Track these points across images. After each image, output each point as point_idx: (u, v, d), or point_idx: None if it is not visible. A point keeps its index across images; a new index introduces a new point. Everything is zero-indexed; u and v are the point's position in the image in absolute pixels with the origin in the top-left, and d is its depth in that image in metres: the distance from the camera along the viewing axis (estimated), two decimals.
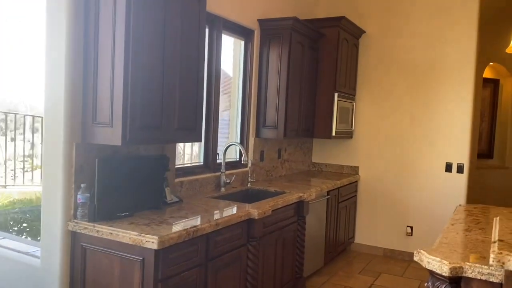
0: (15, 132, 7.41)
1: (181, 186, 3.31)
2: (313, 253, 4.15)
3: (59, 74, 2.42)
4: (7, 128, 7.39)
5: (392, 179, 5.07)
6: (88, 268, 2.44)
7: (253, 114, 4.23)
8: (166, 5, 2.56)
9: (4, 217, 4.12)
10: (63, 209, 2.44)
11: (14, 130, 7.43)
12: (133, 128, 2.39)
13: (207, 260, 2.59)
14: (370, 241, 5.21)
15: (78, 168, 2.47)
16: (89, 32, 2.44)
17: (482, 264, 1.82)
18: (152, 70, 2.50)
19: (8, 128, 7.45)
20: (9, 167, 7.31)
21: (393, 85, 5.02)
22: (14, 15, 5.29)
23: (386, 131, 5.08)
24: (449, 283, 1.94)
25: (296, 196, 3.62)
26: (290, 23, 4.07)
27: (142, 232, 2.24)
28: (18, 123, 7.43)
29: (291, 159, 5.03)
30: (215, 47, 3.67)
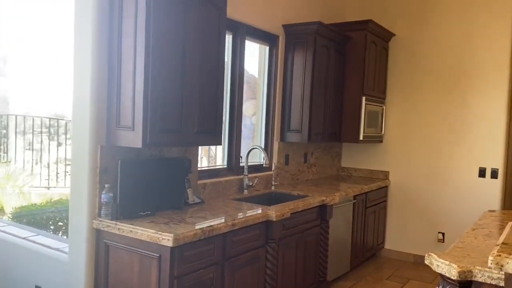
0: (65, 137, 7.84)
1: (204, 188, 3.41)
2: (338, 257, 4.13)
3: (85, 82, 2.59)
4: (56, 133, 7.83)
5: (423, 184, 4.96)
6: (111, 264, 2.57)
7: (278, 118, 4.28)
8: (185, 14, 2.67)
9: (41, 215, 4.39)
10: (88, 208, 2.60)
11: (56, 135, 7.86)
12: (153, 131, 2.51)
13: (224, 259, 2.66)
14: (400, 247, 5.11)
15: (103, 169, 2.62)
16: (113, 43, 2.59)
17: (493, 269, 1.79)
18: (172, 77, 2.61)
19: (56, 134, 7.89)
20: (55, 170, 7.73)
21: (424, 88, 4.92)
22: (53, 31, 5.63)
23: (418, 135, 4.98)
24: (459, 287, 1.92)
25: (318, 200, 3.63)
26: (315, 28, 4.10)
27: (160, 230, 2.34)
28: (65, 128, 7.85)
29: (319, 164, 5.04)
30: (239, 53, 3.76)
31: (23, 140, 8.05)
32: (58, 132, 7.91)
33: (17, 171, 6.97)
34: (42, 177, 7.45)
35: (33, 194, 6.51)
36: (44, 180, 7.44)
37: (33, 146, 7.84)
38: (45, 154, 7.64)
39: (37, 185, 7.14)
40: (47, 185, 7.43)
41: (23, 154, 7.79)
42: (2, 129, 8.00)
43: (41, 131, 7.90)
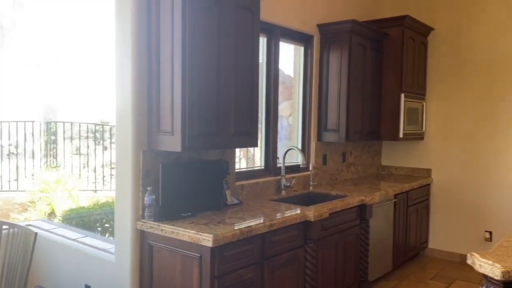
0: (110, 141, 8.18)
1: (242, 189, 3.47)
2: (379, 257, 4.08)
3: (126, 90, 2.70)
4: (101, 138, 8.18)
5: (468, 181, 4.80)
6: (155, 264, 2.67)
7: (314, 118, 4.28)
8: (220, 20, 2.73)
9: (89, 218, 4.60)
10: (132, 210, 2.71)
11: (102, 140, 8.19)
12: (191, 135, 2.59)
13: (263, 259, 2.70)
14: (445, 247, 4.97)
15: (145, 173, 2.73)
16: (152, 51, 2.70)
17: None
18: (208, 81, 2.68)
19: (102, 139, 8.23)
20: (101, 174, 8.07)
21: (467, 82, 4.77)
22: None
23: (460, 130, 4.83)
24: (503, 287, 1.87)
25: (357, 199, 3.61)
26: (349, 26, 4.07)
27: (200, 231, 2.42)
28: (110, 133, 8.18)
29: (358, 162, 4.99)
30: (273, 55, 3.80)
31: (71, 145, 8.44)
32: (103, 137, 8.25)
33: (66, 175, 7.31)
34: (89, 181, 7.79)
35: (81, 197, 6.82)
36: (91, 184, 7.78)
37: (80, 151, 8.22)
38: (91, 158, 7.99)
39: (84, 189, 7.48)
40: (94, 188, 7.77)
41: (71, 159, 8.18)
42: (51, 136, 8.42)
43: (87, 136, 8.26)
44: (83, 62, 9.52)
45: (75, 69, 9.55)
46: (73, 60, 9.52)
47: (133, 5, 2.66)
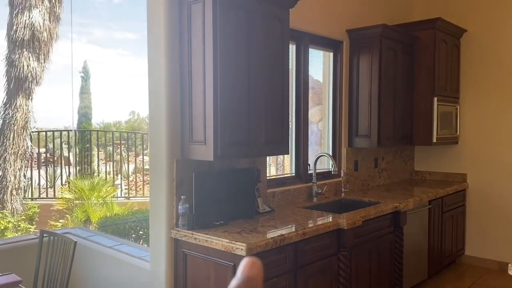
0: (142, 148, 8.35)
1: (273, 197, 3.47)
2: (414, 265, 3.99)
3: (160, 101, 2.76)
4: (134, 145, 8.36)
5: (505, 186, 4.65)
6: (189, 272, 2.71)
7: (345, 123, 4.24)
8: (250, 31, 2.76)
9: (123, 225, 4.70)
10: (166, 219, 2.76)
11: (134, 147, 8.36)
12: (223, 145, 2.62)
13: (296, 268, 2.69)
14: (483, 254, 4.82)
15: (179, 182, 2.77)
16: (184, 63, 2.75)
17: None
18: (239, 91, 2.71)
19: (134, 146, 8.41)
20: (134, 180, 8.23)
21: (502, 84, 4.63)
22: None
23: (497, 134, 4.69)
24: None
25: (391, 206, 3.55)
26: (379, 31, 4.03)
27: (233, 240, 2.44)
28: (142, 140, 8.35)
29: (390, 168, 4.91)
30: (303, 62, 3.80)
31: (104, 153, 8.67)
32: (136, 144, 8.43)
33: (100, 182, 7.50)
34: (122, 188, 7.97)
35: (115, 204, 6.98)
36: (124, 190, 7.96)
37: (113, 158, 8.42)
38: (124, 165, 8.17)
39: (118, 196, 7.66)
40: (126, 195, 7.94)
41: (104, 166, 8.39)
42: (86, 144, 8.67)
43: (120, 143, 8.46)
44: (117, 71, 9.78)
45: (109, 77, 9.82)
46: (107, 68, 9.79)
47: (165, 14, 2.72)
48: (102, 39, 11.30)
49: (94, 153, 8.62)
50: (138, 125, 12.22)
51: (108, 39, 11.47)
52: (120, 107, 11.51)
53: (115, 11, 11.72)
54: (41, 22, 7.31)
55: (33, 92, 7.51)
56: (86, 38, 10.91)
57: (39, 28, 7.30)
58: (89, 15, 10.84)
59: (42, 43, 7.41)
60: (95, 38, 11.27)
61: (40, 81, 7.58)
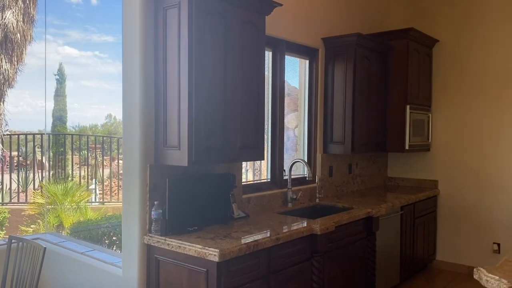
0: (117, 152, 8.24)
1: (249, 202, 3.48)
2: (386, 270, 4.06)
3: (134, 104, 2.75)
4: (109, 149, 8.25)
5: (475, 192, 4.78)
6: (161, 278, 2.69)
7: (320, 130, 4.30)
8: (226, 36, 2.78)
9: (96, 230, 4.63)
10: (139, 225, 2.73)
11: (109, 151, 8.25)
12: (198, 150, 2.62)
13: (269, 273, 2.70)
14: (453, 259, 4.93)
15: (152, 187, 2.76)
16: (159, 66, 2.74)
17: None
18: (215, 96, 2.72)
19: (109, 149, 8.30)
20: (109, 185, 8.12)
21: (473, 93, 4.77)
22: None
23: (467, 142, 4.82)
24: None
25: (364, 212, 3.61)
26: (354, 39, 4.11)
27: (206, 245, 2.43)
28: (117, 144, 8.24)
29: (364, 174, 4.98)
30: (279, 68, 3.83)
31: (79, 157, 8.52)
32: (111, 148, 8.32)
33: (74, 187, 7.36)
34: (97, 192, 7.84)
35: (89, 209, 6.86)
36: (98, 195, 7.83)
37: (88, 162, 8.28)
38: (99, 170, 8.04)
39: (92, 200, 7.53)
40: (101, 200, 7.82)
41: (79, 170, 8.24)
42: (60, 148, 8.50)
43: (94, 146, 8.34)
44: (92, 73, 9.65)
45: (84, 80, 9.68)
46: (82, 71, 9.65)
47: (140, 19, 2.71)
48: (79, 41, 11.14)
49: (68, 157, 8.46)
50: (115, 129, 12.06)
51: (85, 41, 11.32)
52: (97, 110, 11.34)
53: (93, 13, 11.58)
54: (14, 23, 7.15)
55: (5, 95, 7.33)
56: (63, 40, 10.74)
57: (12, 30, 7.14)
58: (66, 16, 10.68)
59: (15, 44, 7.24)
60: (72, 40, 11.10)
61: (13, 83, 7.40)
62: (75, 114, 9.73)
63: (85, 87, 9.81)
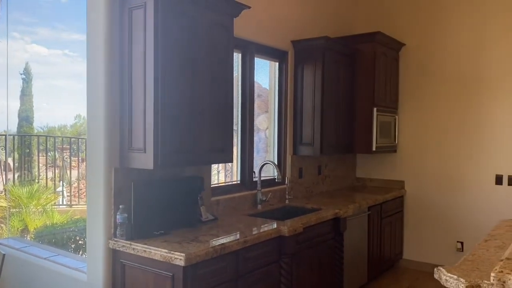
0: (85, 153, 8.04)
1: (218, 205, 3.47)
2: (354, 270, 4.12)
3: (98, 106, 2.69)
4: (78, 150, 8.04)
5: (440, 192, 4.92)
6: (127, 283, 2.64)
7: (290, 132, 4.33)
8: (194, 37, 2.76)
9: (61, 235, 4.52)
10: (104, 229, 2.68)
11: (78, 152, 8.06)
12: (164, 153, 2.59)
13: (237, 276, 2.70)
14: (419, 257, 5.06)
15: (117, 191, 2.71)
16: (124, 67, 2.70)
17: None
18: (181, 99, 2.69)
19: (78, 151, 8.10)
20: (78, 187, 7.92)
21: (437, 96, 4.91)
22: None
23: (432, 143, 4.95)
24: None
25: (331, 212, 3.65)
26: (322, 42, 4.15)
27: (172, 250, 2.41)
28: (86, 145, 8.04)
29: (333, 175, 5.05)
30: (248, 71, 3.84)
31: (46, 158, 8.28)
32: (80, 149, 8.12)
33: (40, 189, 7.15)
34: (65, 195, 7.64)
35: (56, 212, 6.68)
36: (67, 198, 7.63)
37: (55, 164, 8.07)
38: (66, 171, 7.84)
39: (60, 203, 7.33)
40: (69, 203, 7.62)
41: (45, 173, 8.01)
42: (26, 149, 8.25)
43: (62, 147, 8.12)
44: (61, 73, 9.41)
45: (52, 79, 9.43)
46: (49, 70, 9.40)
47: (105, 19, 2.66)
48: (48, 39, 10.82)
49: (35, 159, 8.21)
50: (84, 129, 11.78)
51: (54, 39, 11.00)
52: (66, 110, 11.05)
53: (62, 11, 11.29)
54: None
55: None
56: (31, 38, 10.41)
57: None
58: (34, 14, 10.36)
59: None
60: (41, 38, 10.77)
61: None
62: (43, 114, 9.44)
63: (54, 87, 9.53)
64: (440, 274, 2.03)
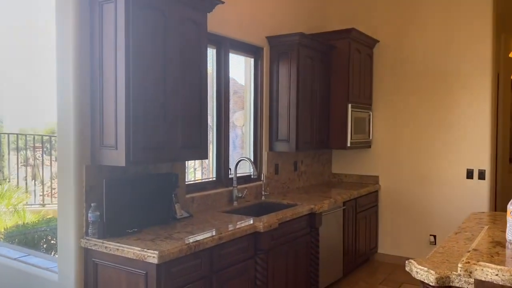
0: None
1: (193, 202, 3.45)
2: (330, 264, 4.16)
3: (68, 102, 2.63)
4: (51, 149, 7.85)
5: (413, 187, 5.01)
6: (100, 282, 2.60)
7: (266, 128, 4.33)
8: (166, 32, 2.72)
9: (33, 235, 4.41)
10: (75, 227, 2.63)
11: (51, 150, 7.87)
12: (137, 149, 2.55)
13: (212, 273, 2.69)
14: (393, 251, 5.14)
15: (89, 189, 2.66)
16: (95, 62, 2.64)
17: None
18: (154, 95, 2.66)
19: (51, 149, 7.90)
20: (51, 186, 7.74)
21: (410, 92, 4.99)
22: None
23: (405, 139, 5.04)
24: None
25: (307, 208, 3.67)
26: (297, 39, 4.16)
27: (145, 247, 2.38)
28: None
29: (309, 171, 5.08)
30: (223, 66, 3.82)
31: (18, 157, 8.06)
32: (53, 147, 7.93)
33: (12, 189, 6.96)
34: (37, 194, 7.45)
35: (28, 212, 6.51)
36: (39, 197, 7.45)
37: (27, 163, 7.86)
38: (41, 170, 7.66)
39: (32, 203, 7.15)
40: (42, 202, 7.44)
41: (17, 172, 7.80)
42: None
43: (33, 146, 7.92)
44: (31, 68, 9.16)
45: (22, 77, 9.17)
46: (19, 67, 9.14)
47: (74, 13, 2.60)
48: None
49: (7, 158, 7.98)
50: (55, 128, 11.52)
51: None
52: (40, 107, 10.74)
53: None
54: None
55: None
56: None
57: None
58: None
59: None
60: None
61: None
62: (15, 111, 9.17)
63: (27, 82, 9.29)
64: (411, 267, 2.06)
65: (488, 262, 1.61)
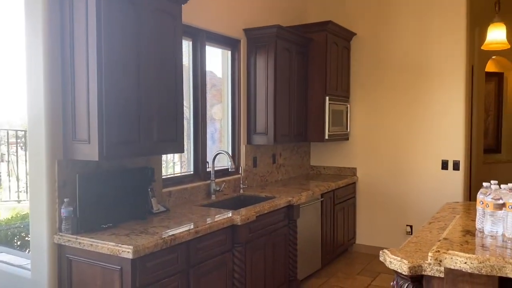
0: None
1: (170, 196, 3.42)
2: (308, 256, 4.19)
3: (38, 95, 2.57)
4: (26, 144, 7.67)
5: (390, 179, 5.08)
6: (74, 278, 2.56)
7: (243, 121, 4.31)
8: (139, 23, 2.67)
9: (5, 232, 4.32)
10: (48, 223, 2.58)
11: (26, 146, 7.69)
12: (110, 143, 2.51)
13: (188, 267, 2.68)
14: (370, 242, 5.22)
15: (61, 184, 2.60)
16: (66, 54, 2.58)
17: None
18: (127, 88, 2.61)
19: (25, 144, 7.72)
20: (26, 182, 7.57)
21: (386, 85, 5.04)
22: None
23: (382, 131, 5.10)
24: (411, 282, 1.99)
25: (285, 200, 3.68)
26: (274, 31, 4.15)
27: (120, 242, 2.35)
28: None
29: (287, 164, 5.09)
30: (200, 59, 3.78)
31: None
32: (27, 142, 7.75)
33: None
34: (12, 190, 7.28)
35: (3, 208, 6.37)
36: (15, 193, 7.28)
37: (2, 158, 7.67)
38: (16, 166, 7.48)
39: (7, 199, 6.98)
40: (18, 199, 7.28)
41: None
42: None
43: (7, 142, 7.73)
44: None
45: None
46: None
47: (44, 2, 2.52)
48: None
49: None
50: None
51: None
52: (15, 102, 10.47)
53: None
54: None
55: None
56: None
57: None
58: None
59: None
60: None
61: None
62: None
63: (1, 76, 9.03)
64: (385, 257, 2.09)
65: (458, 251, 1.64)
